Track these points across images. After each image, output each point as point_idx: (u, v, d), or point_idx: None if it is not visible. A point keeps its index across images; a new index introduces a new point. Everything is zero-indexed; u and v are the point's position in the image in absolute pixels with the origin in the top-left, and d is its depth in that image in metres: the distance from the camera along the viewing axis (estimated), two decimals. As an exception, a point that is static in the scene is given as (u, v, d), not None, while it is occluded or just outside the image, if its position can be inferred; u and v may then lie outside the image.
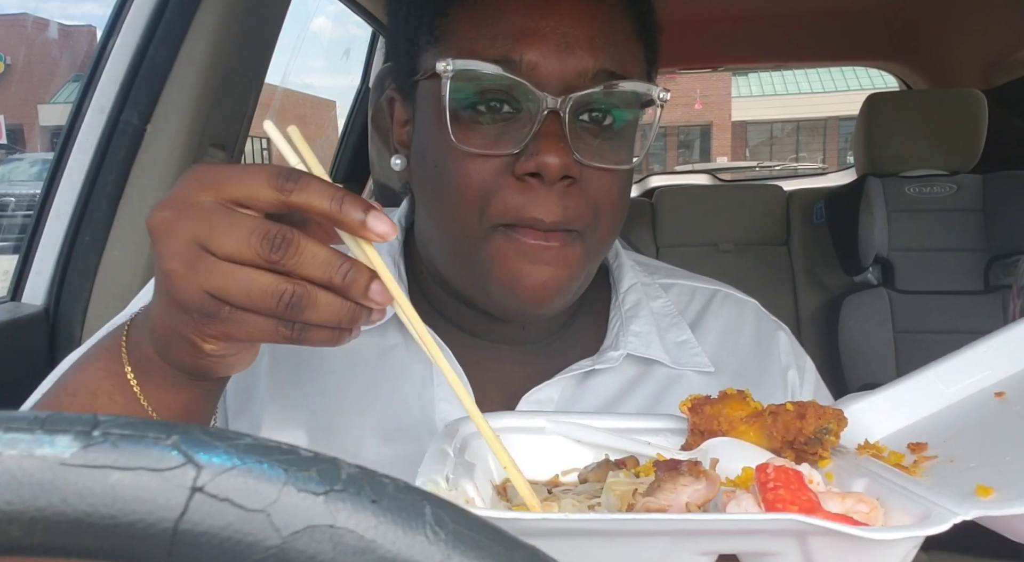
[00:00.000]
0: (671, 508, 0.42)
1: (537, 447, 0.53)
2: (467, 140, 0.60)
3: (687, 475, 0.43)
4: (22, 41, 5.07)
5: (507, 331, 0.70)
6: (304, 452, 0.24)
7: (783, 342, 0.76)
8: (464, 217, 0.61)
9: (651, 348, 0.70)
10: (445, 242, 0.65)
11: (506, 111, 0.60)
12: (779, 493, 0.40)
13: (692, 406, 0.53)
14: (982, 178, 2.35)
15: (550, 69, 0.59)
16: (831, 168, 5.56)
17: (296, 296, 0.43)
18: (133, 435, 0.23)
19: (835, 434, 0.49)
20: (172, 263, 0.44)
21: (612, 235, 0.66)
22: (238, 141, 1.47)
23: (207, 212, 0.44)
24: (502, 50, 0.59)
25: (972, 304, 2.29)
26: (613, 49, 0.61)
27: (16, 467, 0.22)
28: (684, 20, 2.38)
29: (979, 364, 0.54)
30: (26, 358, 1.16)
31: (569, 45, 0.60)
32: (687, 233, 2.65)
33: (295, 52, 2.85)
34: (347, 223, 0.44)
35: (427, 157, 0.63)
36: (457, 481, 0.45)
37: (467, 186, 0.60)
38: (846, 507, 0.41)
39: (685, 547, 0.39)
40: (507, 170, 0.60)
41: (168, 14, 1.27)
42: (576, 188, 0.60)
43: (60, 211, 1.26)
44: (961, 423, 0.51)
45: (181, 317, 0.45)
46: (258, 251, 0.42)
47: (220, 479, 0.23)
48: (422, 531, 0.23)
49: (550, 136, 0.58)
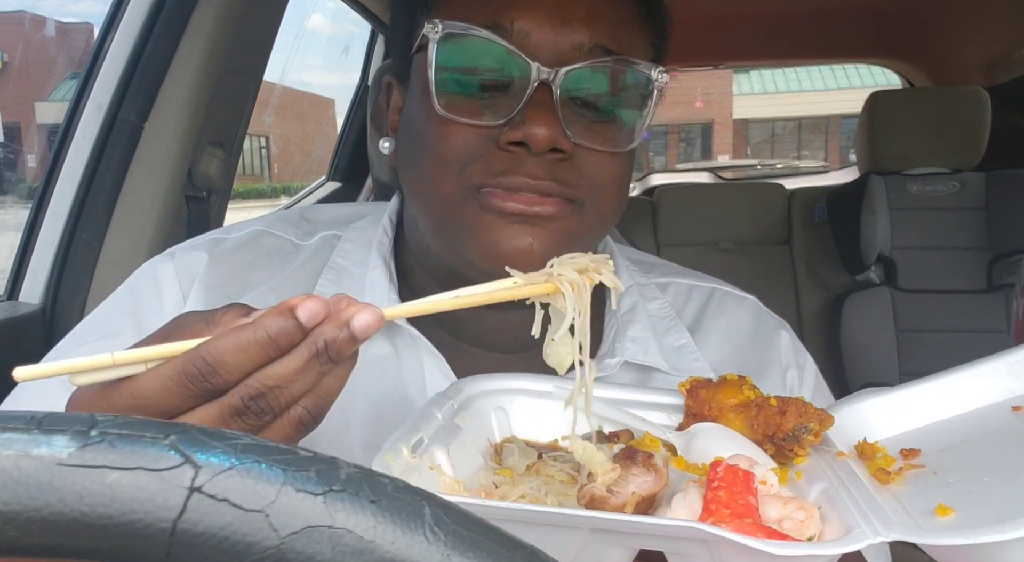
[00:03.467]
0: (618, 496, 0.44)
1: (542, 411, 0.54)
2: (452, 108, 0.58)
3: (640, 466, 0.45)
4: (19, 38, 5.08)
5: (500, 339, 0.68)
6: (302, 452, 0.24)
7: (784, 341, 0.75)
8: (440, 179, 0.59)
9: (649, 354, 0.68)
10: (423, 211, 0.63)
11: (495, 81, 0.59)
12: (718, 494, 0.41)
13: (690, 388, 0.54)
14: (985, 176, 2.34)
15: (543, 39, 0.57)
16: (833, 166, 5.55)
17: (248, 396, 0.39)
18: (131, 435, 0.23)
19: (815, 433, 0.49)
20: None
21: (614, 216, 0.64)
22: (236, 139, 1.46)
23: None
24: (494, 16, 0.58)
25: (975, 303, 2.29)
26: (611, 27, 0.59)
27: (13, 467, 0.22)
28: (686, 18, 2.37)
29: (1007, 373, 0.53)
30: (23, 357, 1.15)
31: (564, 16, 0.58)
32: (688, 232, 2.65)
33: (293, 50, 2.85)
34: (336, 346, 0.40)
35: (412, 129, 0.62)
36: (430, 447, 0.46)
37: (446, 149, 0.58)
38: (785, 512, 0.42)
39: (605, 541, 0.41)
40: (491, 140, 0.58)
41: (166, 11, 1.26)
42: (568, 164, 0.59)
43: (57, 209, 1.26)
44: (967, 434, 0.50)
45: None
46: (192, 392, 0.39)
47: (218, 479, 0.22)
48: (421, 531, 0.23)
49: (540, 106, 0.57)
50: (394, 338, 0.66)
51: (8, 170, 5.03)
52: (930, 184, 2.37)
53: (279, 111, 11.00)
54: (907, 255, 2.36)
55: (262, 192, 13.51)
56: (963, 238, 2.33)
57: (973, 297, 2.30)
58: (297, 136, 13.59)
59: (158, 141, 1.28)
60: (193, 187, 1.37)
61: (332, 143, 2.61)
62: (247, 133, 1.52)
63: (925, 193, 2.37)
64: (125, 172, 1.26)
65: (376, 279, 0.68)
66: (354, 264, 0.70)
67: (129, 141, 1.26)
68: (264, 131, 13.18)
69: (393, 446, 0.43)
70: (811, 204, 2.64)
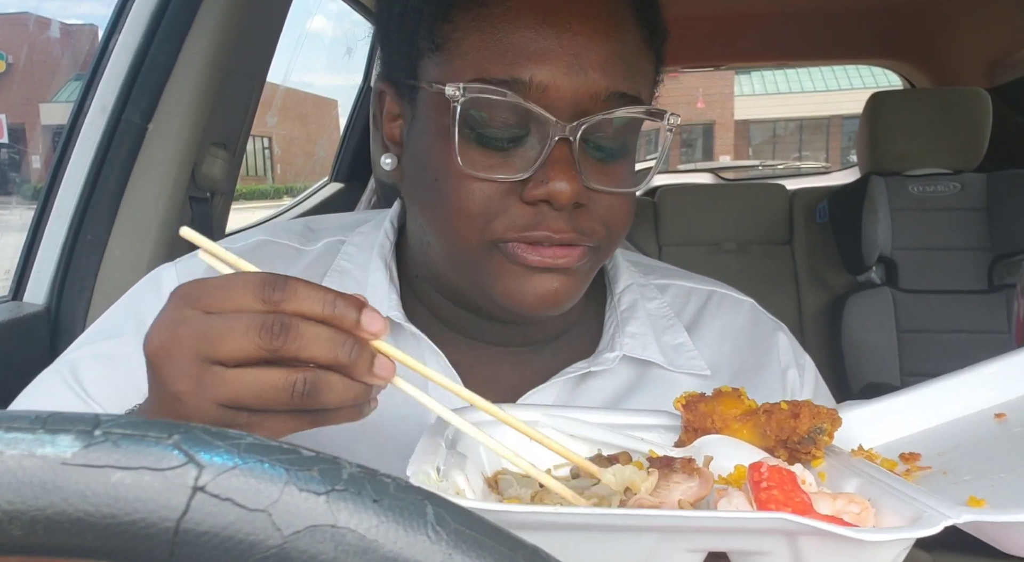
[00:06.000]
0: (663, 505, 0.42)
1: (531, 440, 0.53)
2: (473, 163, 0.58)
3: (680, 472, 0.43)
4: (24, 40, 5.09)
5: (502, 333, 0.69)
6: (305, 451, 0.24)
7: (782, 342, 0.75)
8: (465, 233, 0.60)
9: (647, 349, 0.69)
10: (444, 252, 0.64)
11: (514, 136, 0.59)
12: (772, 493, 0.40)
13: (686, 403, 0.52)
14: (986, 177, 2.34)
15: (562, 92, 0.57)
16: (834, 167, 5.55)
17: (309, 383, 0.43)
18: (134, 434, 0.23)
19: (829, 434, 0.48)
20: (180, 384, 0.43)
21: (620, 243, 0.66)
22: (240, 140, 1.47)
23: (201, 325, 0.43)
24: (511, 70, 0.57)
25: (976, 303, 2.29)
26: (625, 68, 0.59)
27: (17, 467, 0.22)
28: (687, 19, 2.37)
29: (982, 385, 0.54)
30: (27, 357, 1.16)
31: (582, 66, 0.57)
32: (690, 232, 2.65)
33: (296, 51, 2.85)
34: (342, 325, 0.43)
35: (427, 169, 0.62)
36: (448, 472, 0.45)
37: (471, 205, 0.59)
38: (837, 507, 0.41)
39: (674, 544, 0.39)
40: (513, 193, 0.58)
41: (170, 13, 1.27)
42: (585, 211, 0.59)
43: (62, 210, 1.26)
44: (957, 439, 0.51)
45: None
46: (259, 343, 0.42)
47: (221, 478, 0.22)
48: (424, 531, 0.23)
49: (561, 163, 0.57)
50: (396, 334, 0.67)
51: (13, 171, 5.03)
52: (931, 185, 2.37)
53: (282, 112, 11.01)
54: (908, 256, 2.36)
55: (265, 193, 13.52)
56: (964, 239, 2.33)
57: (974, 297, 2.30)
58: (300, 137, 13.61)
59: (162, 142, 1.28)
60: (197, 188, 1.37)
61: (335, 144, 2.61)
62: (250, 134, 1.52)
63: (926, 194, 2.37)
64: (129, 173, 1.27)
65: (377, 281, 0.69)
66: (356, 266, 0.71)
67: (133, 142, 1.26)
68: (267, 132, 13.19)
69: (421, 469, 0.43)
70: (812, 205, 2.64)
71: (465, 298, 0.66)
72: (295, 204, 2.50)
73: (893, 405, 0.54)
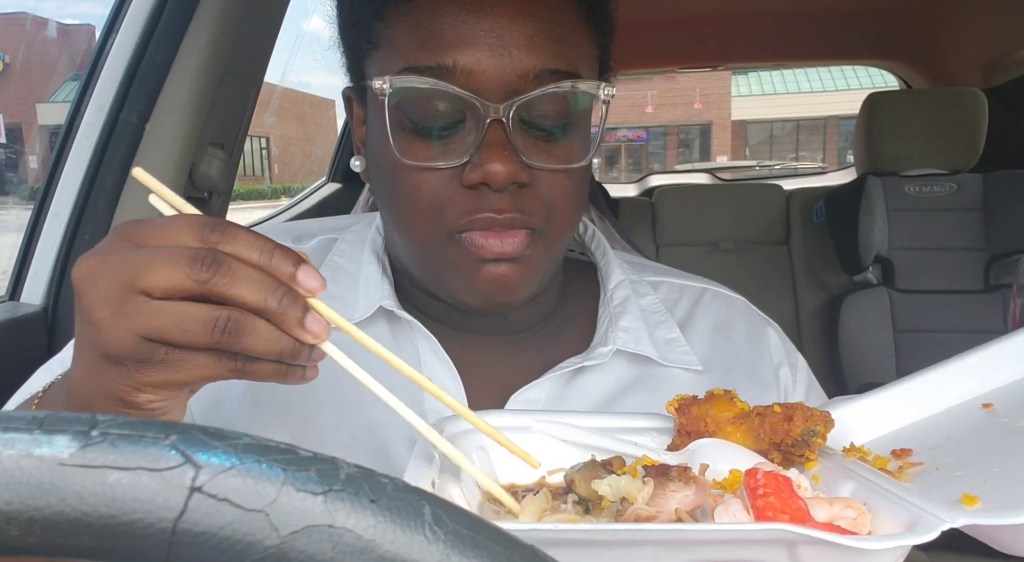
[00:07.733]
0: (660, 514, 0.42)
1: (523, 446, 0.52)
2: (412, 154, 0.59)
3: (676, 480, 0.43)
4: (21, 40, 5.09)
5: (488, 322, 0.69)
6: (303, 452, 0.24)
7: (773, 339, 0.76)
8: (422, 225, 0.61)
9: (640, 344, 0.70)
10: (408, 247, 0.65)
11: (449, 122, 0.59)
12: (769, 500, 0.40)
13: (679, 406, 0.52)
14: (982, 177, 2.35)
15: (488, 74, 0.57)
16: (831, 167, 5.55)
17: (232, 321, 0.41)
18: (132, 435, 0.23)
19: (822, 436, 0.48)
20: (100, 311, 0.42)
21: (570, 230, 0.65)
22: (237, 140, 1.47)
23: (131, 254, 0.42)
24: (435, 57, 0.57)
25: (972, 303, 2.29)
26: (556, 45, 0.59)
27: (14, 467, 0.22)
28: (683, 19, 2.38)
29: (968, 375, 0.54)
30: (25, 358, 1.15)
31: (505, 47, 0.57)
32: (687, 232, 2.66)
33: (294, 51, 2.85)
34: (277, 274, 0.43)
35: (380, 166, 0.63)
36: (443, 484, 0.45)
37: (419, 197, 0.60)
38: (833, 513, 0.41)
39: (673, 556, 0.39)
40: (456, 179, 0.59)
41: (167, 13, 1.26)
42: (528, 190, 0.60)
43: (59, 210, 1.26)
44: (947, 432, 0.51)
45: (111, 371, 0.43)
46: (187, 273, 0.41)
47: (219, 479, 0.22)
48: (421, 531, 0.23)
49: (495, 144, 0.57)
50: (391, 323, 0.68)
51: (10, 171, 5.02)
52: (927, 185, 2.37)
53: (280, 112, 10.99)
54: (905, 256, 2.36)
55: (263, 193, 13.48)
56: (960, 239, 2.33)
57: (970, 297, 2.30)
58: (297, 137, 13.58)
59: (159, 142, 1.28)
60: (194, 188, 1.37)
61: (332, 144, 2.61)
62: (248, 134, 1.52)
63: (922, 194, 2.37)
64: (126, 173, 1.26)
65: (369, 274, 0.70)
66: (349, 261, 0.73)
67: (130, 142, 1.26)
68: (265, 132, 13.16)
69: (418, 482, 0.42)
70: (809, 205, 2.64)
71: (432, 290, 0.67)
72: (293, 204, 2.50)
73: (881, 399, 0.54)
